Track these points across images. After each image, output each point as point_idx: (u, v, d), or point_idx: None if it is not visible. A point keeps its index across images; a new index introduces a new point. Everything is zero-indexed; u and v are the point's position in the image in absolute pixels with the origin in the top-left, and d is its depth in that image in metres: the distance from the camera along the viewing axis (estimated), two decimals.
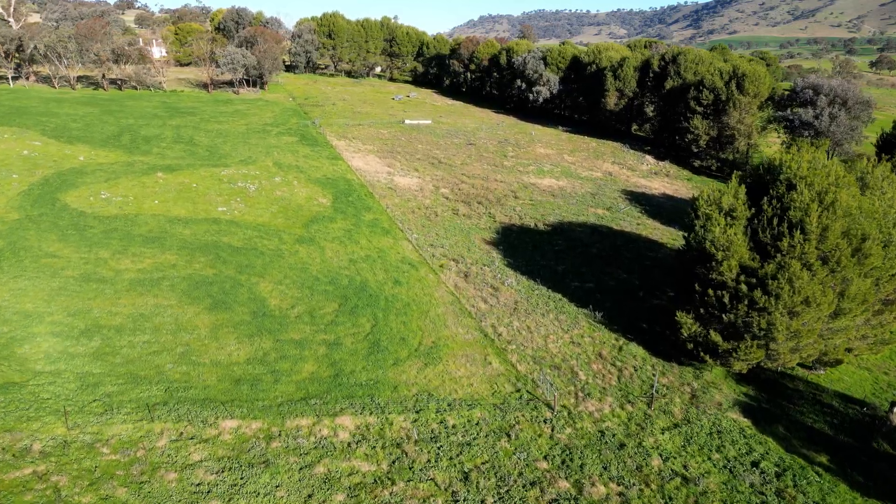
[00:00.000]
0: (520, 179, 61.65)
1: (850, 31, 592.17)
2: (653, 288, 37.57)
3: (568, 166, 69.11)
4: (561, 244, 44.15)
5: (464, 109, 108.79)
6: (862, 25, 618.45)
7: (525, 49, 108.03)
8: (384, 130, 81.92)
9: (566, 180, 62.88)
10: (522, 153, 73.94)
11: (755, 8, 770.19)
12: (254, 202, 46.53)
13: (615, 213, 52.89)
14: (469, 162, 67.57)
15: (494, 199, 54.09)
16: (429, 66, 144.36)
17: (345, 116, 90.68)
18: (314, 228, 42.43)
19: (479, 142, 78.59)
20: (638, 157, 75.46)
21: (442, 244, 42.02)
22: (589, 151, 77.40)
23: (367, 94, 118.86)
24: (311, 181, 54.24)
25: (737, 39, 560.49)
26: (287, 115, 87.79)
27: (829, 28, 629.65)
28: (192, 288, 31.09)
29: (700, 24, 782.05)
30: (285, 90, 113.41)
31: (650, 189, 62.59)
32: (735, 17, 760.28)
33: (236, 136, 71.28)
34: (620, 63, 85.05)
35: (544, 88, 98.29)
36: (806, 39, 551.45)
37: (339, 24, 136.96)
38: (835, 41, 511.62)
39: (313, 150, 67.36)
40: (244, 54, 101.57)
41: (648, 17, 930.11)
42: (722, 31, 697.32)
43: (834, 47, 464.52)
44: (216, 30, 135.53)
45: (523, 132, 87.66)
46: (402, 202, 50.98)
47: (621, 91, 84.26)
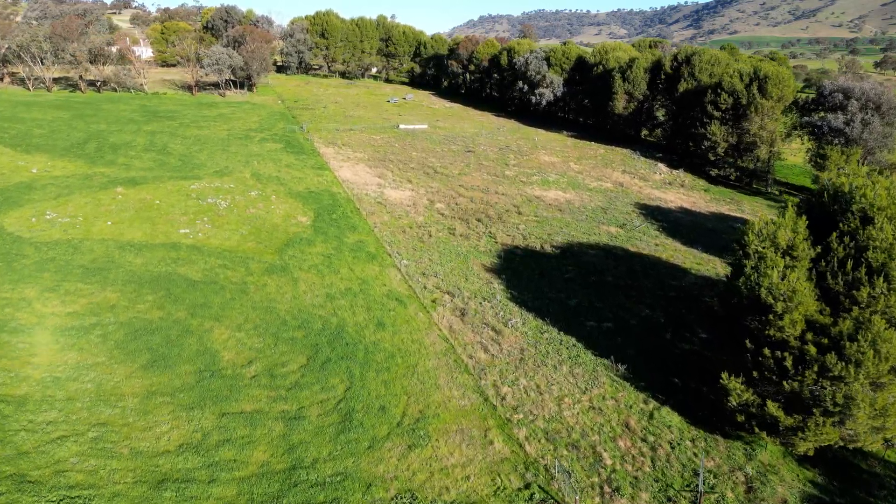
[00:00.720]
0: (523, 191, 56.22)
1: (851, 31, 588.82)
2: (680, 326, 32.13)
3: (575, 176, 63.67)
4: (571, 270, 38.69)
5: (462, 112, 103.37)
6: (863, 25, 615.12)
7: (527, 49, 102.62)
8: (377, 136, 76.45)
9: (574, 192, 57.44)
10: (525, 161, 68.50)
11: (756, 8, 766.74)
12: (223, 222, 41.04)
13: (630, 231, 47.45)
14: (467, 171, 62.13)
15: (495, 215, 48.65)
16: (426, 67, 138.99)
17: (336, 121, 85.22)
18: (289, 254, 36.97)
19: (479, 148, 73.16)
20: (650, 166, 70.02)
21: (436, 272, 36.57)
22: (597, 159, 71.96)
23: (360, 96, 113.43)
24: (291, 195, 48.78)
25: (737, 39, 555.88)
26: (274, 120, 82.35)
27: (831, 28, 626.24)
28: (129, 338, 25.60)
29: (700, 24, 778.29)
30: (275, 92, 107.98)
31: (665, 202, 57.16)
32: (736, 17, 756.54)
33: (215, 143, 65.81)
34: (629, 64, 79.65)
35: (547, 91, 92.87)
36: (807, 39, 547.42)
37: (333, 22, 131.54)
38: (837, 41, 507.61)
39: (298, 158, 61.90)
40: (230, 54, 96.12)
41: (648, 17, 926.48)
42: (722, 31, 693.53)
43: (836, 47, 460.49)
44: (204, 29, 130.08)
45: (526, 137, 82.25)
46: (392, 220, 45.52)
47: (630, 94, 78.86)
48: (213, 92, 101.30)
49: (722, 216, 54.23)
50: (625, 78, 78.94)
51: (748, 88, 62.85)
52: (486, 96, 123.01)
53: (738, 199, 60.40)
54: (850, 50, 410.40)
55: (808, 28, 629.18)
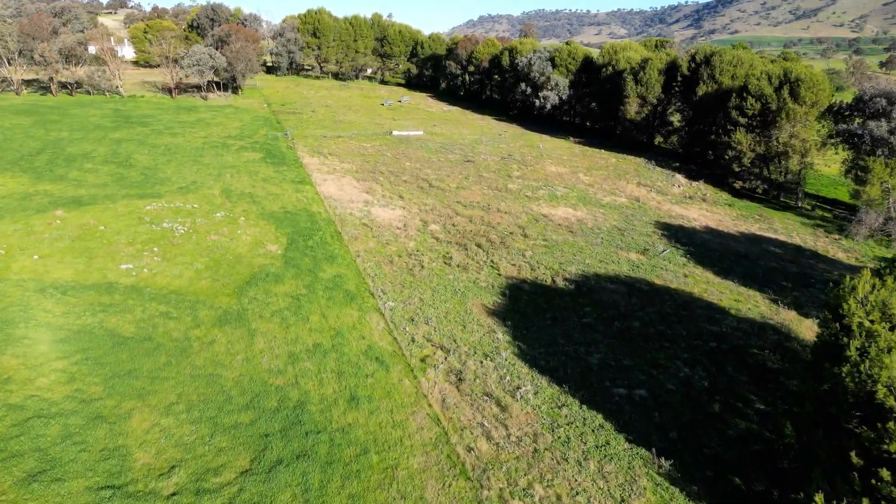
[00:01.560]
0: (528, 209, 49.92)
1: (852, 31, 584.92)
2: (730, 392, 25.82)
3: (585, 189, 57.37)
4: (590, 313, 32.38)
5: (461, 116, 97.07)
6: (865, 25, 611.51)
7: (530, 49, 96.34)
8: (367, 144, 70.11)
9: (585, 209, 51.14)
10: (530, 172, 62.18)
11: (756, 7, 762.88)
12: (176, 253, 34.70)
13: (653, 258, 41.15)
14: (466, 185, 55.82)
15: (498, 238, 42.35)
16: (423, 68, 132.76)
17: (324, 126, 78.89)
18: (250, 295, 30.65)
19: (479, 158, 66.84)
20: (666, 177, 63.72)
21: (427, 317, 30.27)
22: (608, 169, 65.66)
23: (353, 98, 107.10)
24: (263, 216, 42.45)
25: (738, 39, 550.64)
26: (256, 125, 76.02)
27: (832, 28, 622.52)
28: (11, 434, 19.25)
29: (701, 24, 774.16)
30: (261, 95, 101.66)
31: (688, 220, 50.89)
32: (736, 16, 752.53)
33: (187, 152, 59.47)
34: (642, 65, 73.38)
35: (552, 93, 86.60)
36: (809, 39, 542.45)
37: (325, 21, 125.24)
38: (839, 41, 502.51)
39: (277, 171, 55.58)
40: (212, 54, 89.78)
41: (649, 16, 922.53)
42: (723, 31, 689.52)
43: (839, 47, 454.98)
44: (190, 28, 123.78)
45: (529, 145, 75.94)
46: (378, 247, 39.20)
47: (643, 97, 72.60)
48: (195, 95, 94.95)
49: (753, 237, 47.96)
50: (637, 80, 72.67)
51: (778, 92, 56.57)
52: (486, 99, 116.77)
53: (767, 216, 54.14)
54: (854, 50, 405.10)
55: (810, 28, 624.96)
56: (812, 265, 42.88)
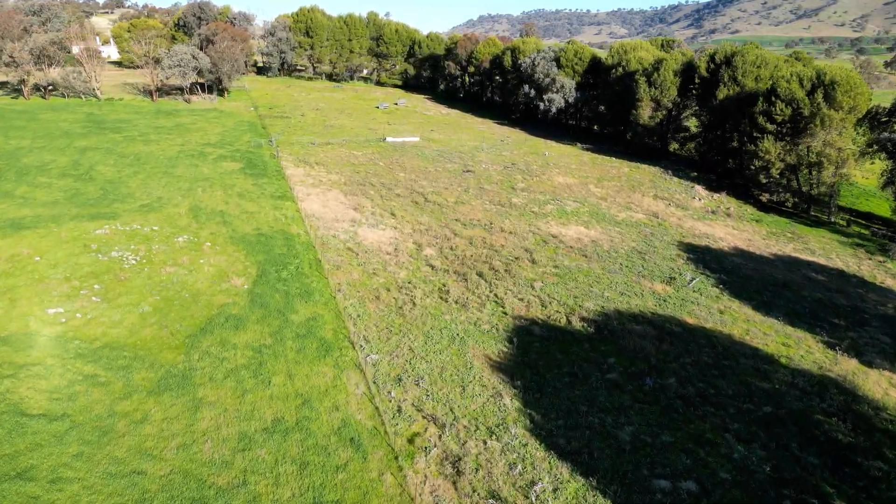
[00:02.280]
0: (536, 227, 44.44)
1: (854, 31, 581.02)
2: (802, 483, 20.34)
3: (597, 203, 51.88)
4: (615, 366, 26.90)
5: (461, 120, 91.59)
6: (866, 25, 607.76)
7: (533, 48, 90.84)
8: (358, 152, 64.58)
9: (599, 228, 45.65)
10: (536, 184, 56.68)
11: (757, 7, 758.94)
12: (121, 291, 29.20)
13: (681, 288, 35.68)
14: (466, 199, 50.32)
15: (502, 265, 36.88)
16: (421, 69, 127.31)
17: (313, 132, 73.39)
18: (203, 347, 25.15)
19: (480, 167, 61.33)
20: (685, 189, 58.23)
21: (418, 375, 24.79)
22: (620, 180, 60.15)
23: (346, 101, 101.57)
24: (233, 241, 36.95)
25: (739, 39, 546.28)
26: (240, 131, 70.52)
27: (833, 27, 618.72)
28: None
29: (701, 24, 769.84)
30: (249, 97, 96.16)
31: (714, 239, 45.41)
32: (737, 16, 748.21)
33: (159, 163, 53.99)
34: (656, 66, 67.89)
35: (558, 96, 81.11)
36: (810, 39, 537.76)
37: (318, 19, 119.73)
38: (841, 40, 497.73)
39: (256, 183, 50.10)
40: (195, 54, 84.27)
41: (649, 16, 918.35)
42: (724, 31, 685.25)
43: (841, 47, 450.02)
44: (176, 27, 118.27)
45: (534, 152, 70.44)
46: (363, 277, 33.72)
47: (657, 101, 67.11)
48: (178, 97, 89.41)
49: (790, 260, 42.48)
50: (650, 82, 67.17)
51: (811, 96, 51.08)
52: (486, 101, 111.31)
53: (800, 234, 48.67)
54: (857, 49, 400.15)
55: (811, 27, 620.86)
56: (861, 295, 37.40)
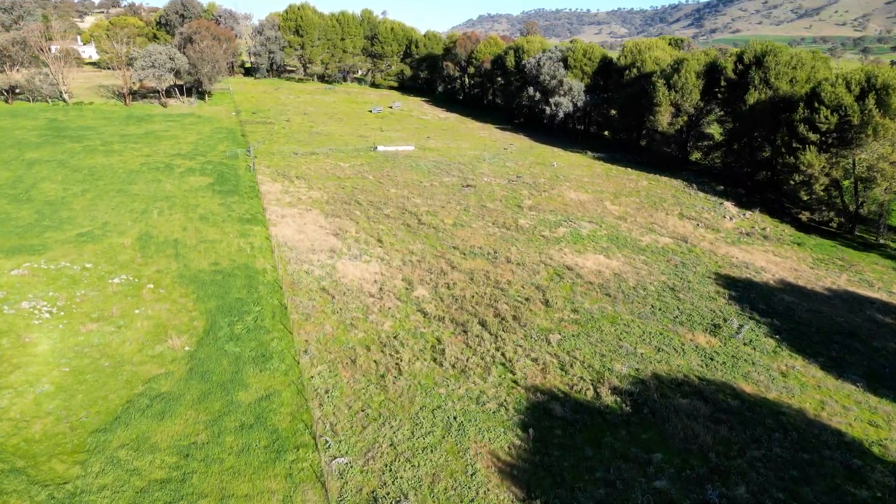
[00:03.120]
0: (547, 257, 37.87)
1: (855, 30, 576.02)
2: None
3: (616, 225, 45.32)
4: (663, 466, 20.32)
5: (459, 125, 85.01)
6: (868, 24, 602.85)
7: (538, 48, 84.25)
8: (346, 164, 57.99)
9: (621, 256, 39.07)
10: (545, 201, 50.12)
11: (758, 6, 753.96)
12: (16, 364, 22.58)
13: (729, 340, 29.14)
14: (466, 221, 43.74)
15: (509, 308, 30.34)
16: (418, 70, 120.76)
17: (297, 140, 66.79)
18: (110, 451, 18.59)
19: (481, 180, 54.74)
20: (713, 205, 51.65)
21: (400, 492, 18.21)
22: (639, 195, 53.57)
23: (337, 105, 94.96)
24: (182, 280, 30.38)
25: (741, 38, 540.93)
26: (216, 139, 63.94)
27: (835, 27, 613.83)
28: None
29: (702, 23, 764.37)
30: (233, 101, 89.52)
31: (755, 269, 38.83)
32: (738, 15, 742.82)
33: (116, 178, 47.43)
34: (675, 67, 61.30)
35: (565, 99, 74.55)
36: (812, 38, 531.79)
37: (309, 17, 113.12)
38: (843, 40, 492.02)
39: (224, 203, 43.54)
40: (171, 55, 77.65)
41: (649, 15, 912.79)
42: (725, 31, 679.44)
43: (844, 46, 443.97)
44: (158, 25, 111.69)
45: (541, 162, 63.84)
46: (338, 331, 27.14)
47: (677, 105, 60.53)
48: (155, 101, 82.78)
49: (849, 297, 35.90)
50: (670, 85, 60.60)
51: (860, 102, 44.55)
52: (487, 104, 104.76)
53: (850, 260, 42.11)
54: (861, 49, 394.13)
55: (812, 27, 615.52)
56: None
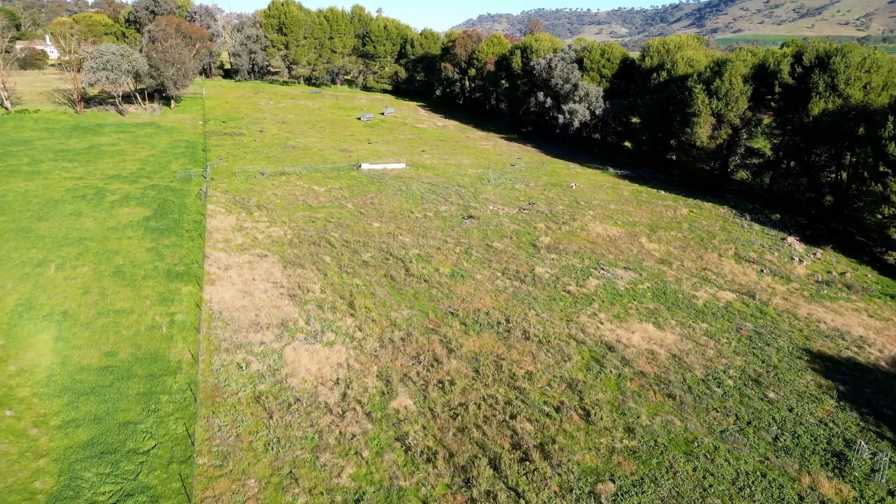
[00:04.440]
0: (578, 327, 27.90)
1: (858, 30, 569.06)
2: None
3: (660, 272, 35.31)
4: None
5: (459, 135, 75.07)
6: (870, 24, 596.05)
7: (549, 47, 74.28)
8: (321, 187, 47.97)
9: (675, 324, 29.05)
10: (566, 237, 40.09)
11: (759, 6, 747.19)
12: None
13: (866, 484, 19.25)
14: (467, 269, 33.72)
15: (533, 428, 20.46)
16: (414, 71, 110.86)
17: (267, 156, 56.78)
18: None
19: (486, 209, 44.73)
20: (773, 241, 41.61)
21: None
22: (681, 227, 43.57)
23: (322, 111, 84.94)
24: (48, 391, 20.41)
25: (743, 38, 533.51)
26: (171, 156, 53.97)
27: (837, 26, 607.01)
28: None
29: (703, 23, 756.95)
30: (203, 107, 79.50)
31: (853, 340, 28.83)
32: (739, 15, 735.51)
33: (23, 211, 37.45)
34: (717, 70, 51.30)
35: (580, 107, 64.60)
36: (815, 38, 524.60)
37: (294, 14, 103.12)
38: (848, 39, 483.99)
39: (155, 247, 33.56)
40: (126, 55, 67.65)
41: (650, 15, 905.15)
42: (726, 30, 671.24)
43: None
44: (128, 23, 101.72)
45: (556, 182, 53.81)
46: (267, 493, 17.15)
47: (720, 115, 50.57)
48: (112, 109, 72.71)
49: None
50: (710, 90, 50.63)
51: None
52: (490, 109, 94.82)
53: None
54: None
55: (815, 26, 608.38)
56: None
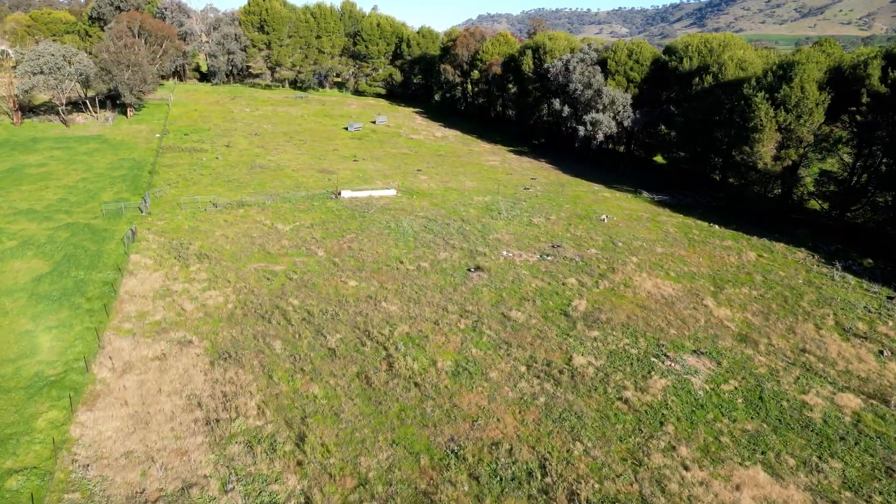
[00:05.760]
0: (651, 481, 17.72)
1: (861, 29, 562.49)
2: None
3: (743, 356, 25.07)
4: None
5: (461, 148, 64.90)
6: (873, 23, 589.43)
7: (565, 46, 64.06)
8: (287, 225, 37.62)
9: (800, 470, 18.89)
10: (606, 298, 29.77)
11: (761, 5, 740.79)
12: None
13: None
14: (476, 360, 23.41)
15: None
16: (411, 73, 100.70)
17: (227, 179, 46.50)
18: None
19: (497, 255, 34.38)
20: (878, 302, 31.39)
21: None
22: (752, 280, 33.27)
23: (305, 120, 74.66)
24: None
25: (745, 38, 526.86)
26: (108, 180, 43.74)
27: (839, 26, 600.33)
28: None
29: (704, 23, 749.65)
30: (167, 116, 69.16)
31: None
32: (740, 14, 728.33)
33: None
34: (782, 74, 41.12)
35: (605, 117, 54.45)
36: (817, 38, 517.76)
37: (276, 10, 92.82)
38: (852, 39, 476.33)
39: (31, 330, 23.32)
40: (68, 55, 57.42)
41: (650, 15, 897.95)
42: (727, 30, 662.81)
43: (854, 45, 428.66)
44: (91, 20, 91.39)
45: (582, 212, 43.52)
46: None
47: (788, 130, 40.45)
48: (57, 119, 62.36)
49: None
50: (775, 100, 40.52)
51: None
52: (495, 116, 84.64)
53: None
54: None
55: (816, 26, 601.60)
56: None
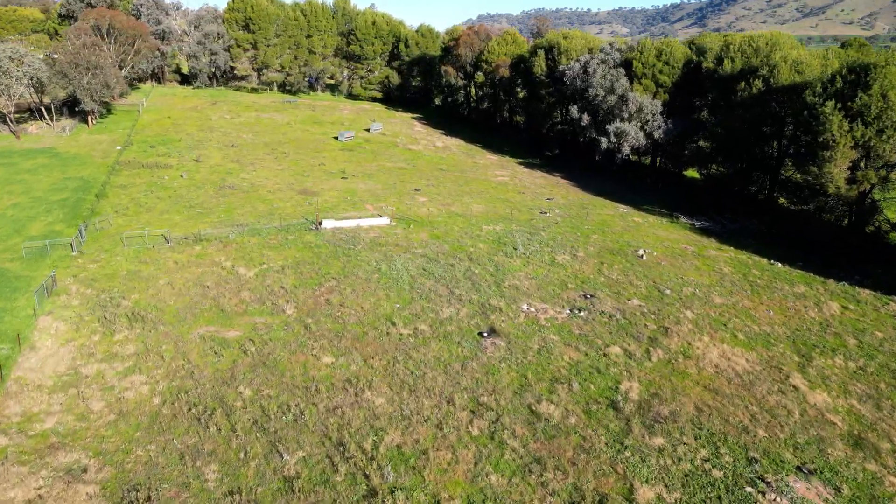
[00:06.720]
0: None
1: (863, 29, 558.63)
2: None
3: (866, 480, 17.71)
4: None
5: (465, 160, 57.55)
6: (875, 23, 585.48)
7: (583, 46, 56.65)
8: (251, 270, 30.14)
9: None
10: (665, 381, 22.36)
11: (762, 5, 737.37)
12: None
13: None
14: (497, 498, 16.20)
15: None
16: (409, 75, 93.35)
17: (188, 204, 39.02)
18: None
19: (517, 313, 26.91)
20: None
21: None
22: (845, 346, 25.91)
23: (291, 128, 67.20)
24: None
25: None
26: (45, 206, 36.34)
27: (841, 25, 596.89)
28: None
29: (705, 23, 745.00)
30: (135, 124, 61.74)
31: None
32: (741, 14, 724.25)
33: None
34: (855, 80, 33.81)
35: (632, 126, 47.13)
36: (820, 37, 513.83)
37: (262, 7, 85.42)
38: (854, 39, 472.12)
39: None
40: (16, 56, 50.13)
41: (651, 15, 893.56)
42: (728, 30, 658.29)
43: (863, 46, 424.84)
44: (60, 19, 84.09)
45: (613, 245, 36.10)
46: None
47: (867, 148, 33.20)
48: (6, 129, 54.98)
49: None
50: (849, 110, 33.26)
51: None
52: (502, 123, 77.34)
53: None
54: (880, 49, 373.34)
55: (818, 26, 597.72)
56: None
